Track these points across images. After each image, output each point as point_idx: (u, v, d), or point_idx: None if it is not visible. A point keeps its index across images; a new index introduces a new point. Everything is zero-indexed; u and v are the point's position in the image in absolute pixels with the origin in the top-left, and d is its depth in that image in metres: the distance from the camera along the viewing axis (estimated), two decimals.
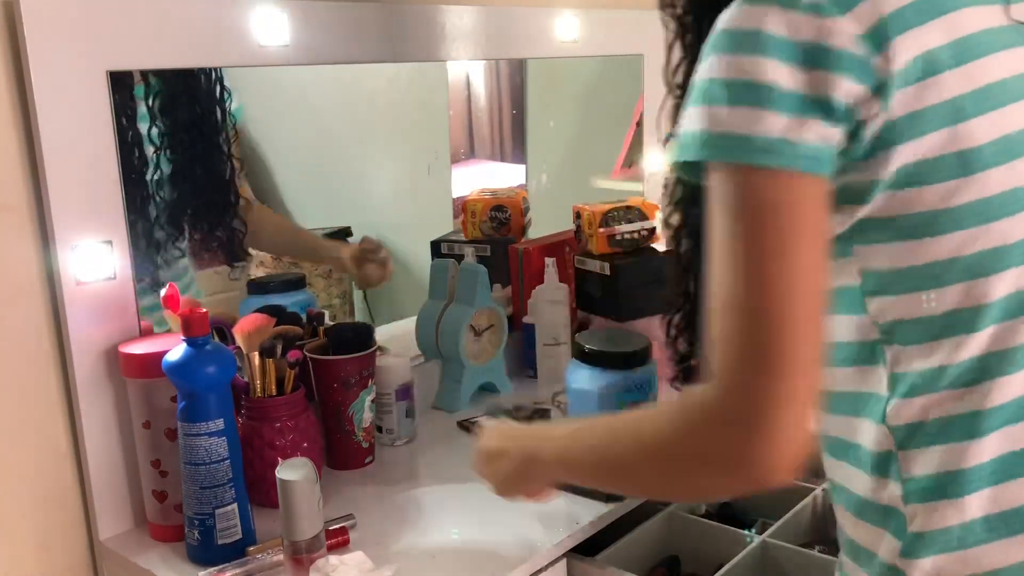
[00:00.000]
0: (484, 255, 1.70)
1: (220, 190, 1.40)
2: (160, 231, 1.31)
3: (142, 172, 1.28)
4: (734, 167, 0.70)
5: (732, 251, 0.70)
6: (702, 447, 0.72)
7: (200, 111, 1.35)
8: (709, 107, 0.71)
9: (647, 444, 0.78)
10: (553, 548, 1.11)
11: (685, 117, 0.73)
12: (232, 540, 1.09)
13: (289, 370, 1.20)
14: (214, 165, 1.39)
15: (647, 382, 1.25)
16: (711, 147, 0.71)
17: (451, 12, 1.53)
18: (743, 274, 0.70)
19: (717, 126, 0.70)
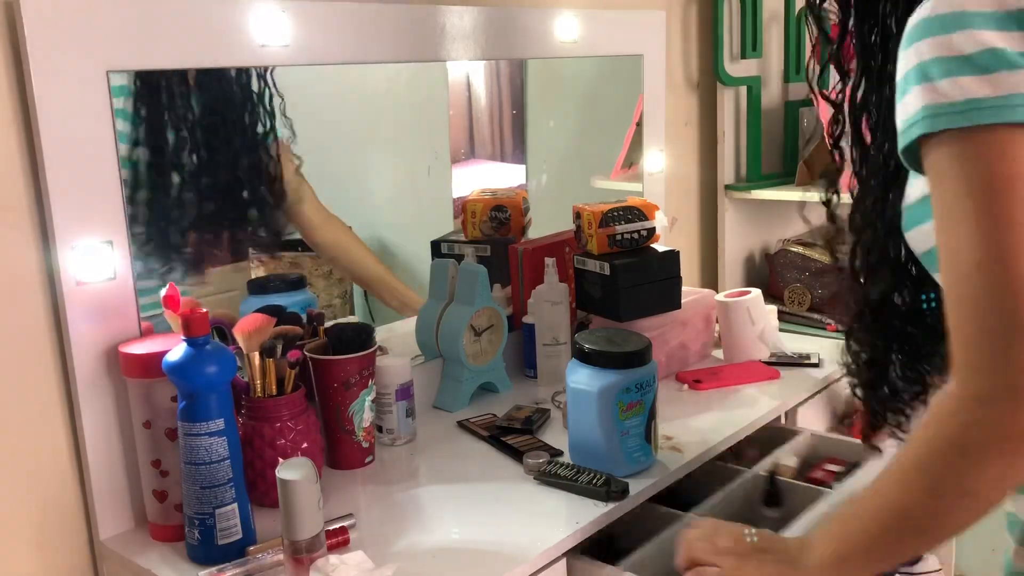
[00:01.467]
0: (484, 255, 1.70)
1: (259, 187, 1.43)
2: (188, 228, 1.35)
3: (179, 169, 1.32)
4: (967, 134, 0.68)
5: (969, 223, 0.68)
6: (975, 433, 0.69)
7: (242, 110, 1.39)
8: (929, 84, 0.69)
9: (918, 470, 0.73)
10: (553, 548, 1.11)
11: (905, 104, 0.72)
12: (232, 540, 1.09)
13: (289, 370, 1.20)
14: (253, 161, 1.42)
15: (647, 382, 1.25)
16: (944, 117, 0.68)
17: (451, 12, 1.53)
18: (987, 245, 0.67)
19: (943, 98, 0.68)
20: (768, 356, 1.72)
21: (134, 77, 1.23)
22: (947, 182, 0.69)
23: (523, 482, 1.26)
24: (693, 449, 1.35)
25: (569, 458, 1.31)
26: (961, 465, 0.70)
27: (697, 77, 2.14)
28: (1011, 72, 0.67)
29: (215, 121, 1.36)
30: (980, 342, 0.68)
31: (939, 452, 0.71)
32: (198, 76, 1.32)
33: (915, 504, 0.74)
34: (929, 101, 0.69)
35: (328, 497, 1.21)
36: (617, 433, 1.24)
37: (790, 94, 2.30)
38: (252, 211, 1.45)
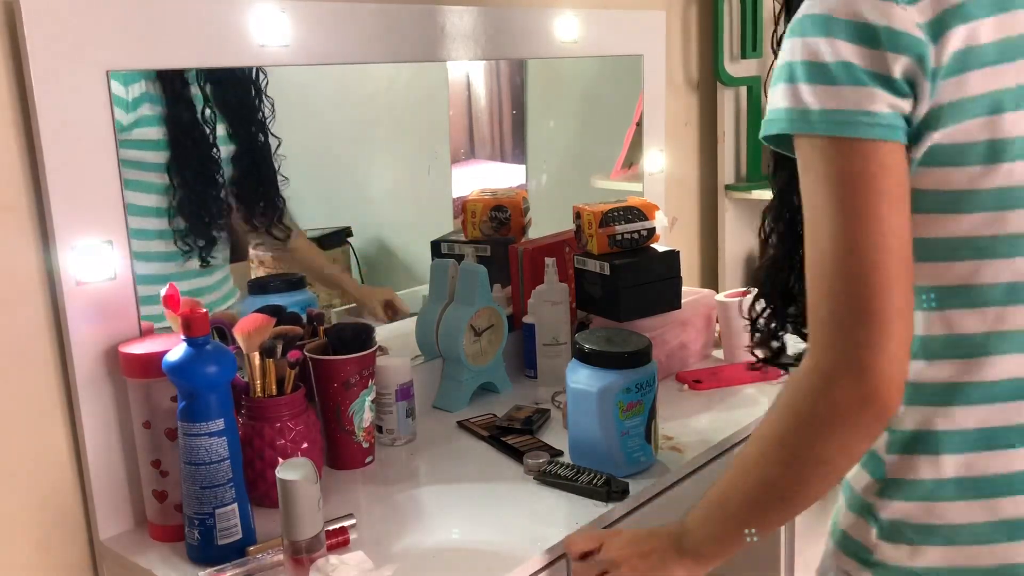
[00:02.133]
0: (484, 255, 1.70)
1: (266, 176, 1.47)
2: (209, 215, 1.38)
3: (208, 165, 1.36)
4: (819, 140, 0.77)
5: (824, 218, 0.77)
6: (822, 405, 0.77)
7: (248, 102, 1.42)
8: (792, 85, 0.78)
9: (775, 444, 0.82)
10: (553, 548, 1.11)
11: (772, 94, 0.81)
12: (232, 540, 1.09)
13: (289, 370, 1.20)
14: (262, 152, 1.45)
15: (647, 382, 1.25)
16: (797, 122, 0.78)
17: (451, 12, 1.53)
18: (836, 237, 0.76)
19: (799, 103, 0.77)
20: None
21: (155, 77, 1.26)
22: (808, 175, 0.79)
23: (523, 482, 1.27)
24: (693, 449, 1.35)
25: (569, 458, 1.31)
26: (813, 435, 0.78)
27: (697, 77, 2.14)
28: (854, 87, 0.76)
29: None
30: (828, 322, 0.76)
31: (793, 425, 0.79)
32: (205, 74, 1.34)
33: (776, 476, 0.82)
34: (791, 104, 0.78)
35: (328, 497, 1.21)
36: (617, 433, 1.24)
37: None
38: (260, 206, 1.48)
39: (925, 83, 0.76)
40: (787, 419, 0.80)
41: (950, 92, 0.76)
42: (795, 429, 0.79)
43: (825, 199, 0.76)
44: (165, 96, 1.27)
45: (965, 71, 0.76)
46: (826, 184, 0.76)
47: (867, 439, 0.79)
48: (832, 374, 0.76)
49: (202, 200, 1.35)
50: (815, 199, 0.78)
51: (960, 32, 0.76)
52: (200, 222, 1.35)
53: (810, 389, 0.77)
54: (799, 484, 0.82)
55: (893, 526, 0.84)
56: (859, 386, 0.75)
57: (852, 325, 0.75)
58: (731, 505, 0.88)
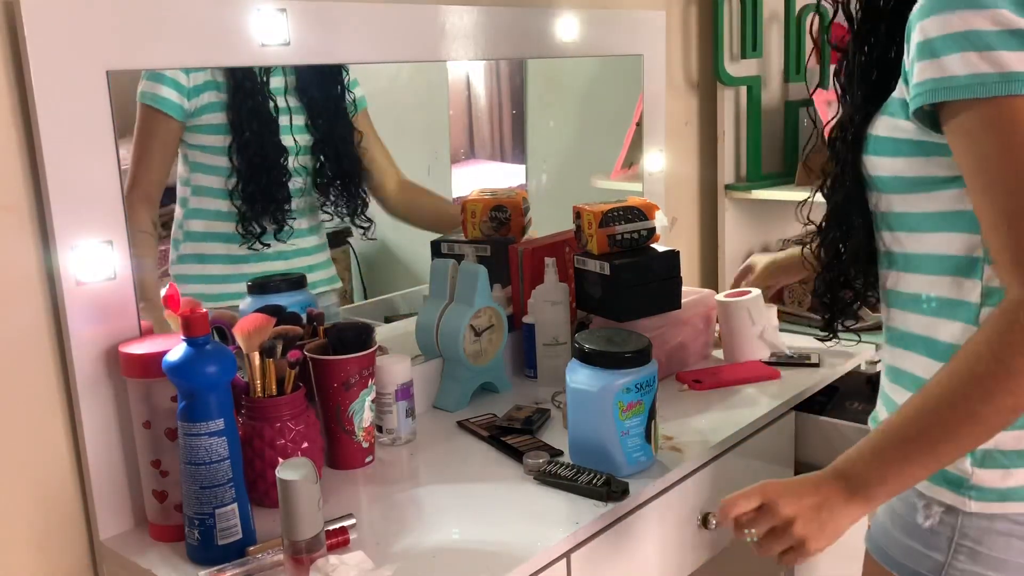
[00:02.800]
0: (484, 255, 1.70)
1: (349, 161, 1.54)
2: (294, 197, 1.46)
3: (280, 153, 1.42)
4: (1002, 100, 0.84)
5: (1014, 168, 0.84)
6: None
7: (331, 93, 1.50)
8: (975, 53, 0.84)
9: (976, 374, 0.85)
10: (553, 548, 1.11)
11: (943, 64, 0.86)
12: (232, 540, 1.09)
13: (289, 370, 1.20)
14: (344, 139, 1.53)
15: (647, 382, 1.25)
16: (986, 85, 0.84)
17: (451, 12, 1.53)
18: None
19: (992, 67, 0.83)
20: (768, 356, 1.72)
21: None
22: (990, 139, 0.85)
23: (523, 482, 1.26)
24: (693, 449, 1.35)
25: (569, 458, 1.31)
26: (1013, 376, 0.83)
27: (697, 77, 2.14)
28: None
29: None
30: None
31: (998, 351, 0.84)
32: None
33: (964, 413, 0.86)
34: (973, 69, 0.85)
35: (328, 497, 1.21)
36: (617, 433, 1.24)
37: (790, 94, 2.30)
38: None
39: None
40: (993, 345, 0.84)
41: None
42: (1000, 355, 0.83)
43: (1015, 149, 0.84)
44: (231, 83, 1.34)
45: None
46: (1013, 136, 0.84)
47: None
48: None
49: (269, 187, 1.42)
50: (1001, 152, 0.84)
51: None
52: (264, 208, 1.41)
53: (1015, 330, 0.83)
54: (988, 419, 0.86)
55: (987, 454, 0.95)
56: None
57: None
58: (911, 441, 0.90)
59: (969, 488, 0.96)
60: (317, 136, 1.46)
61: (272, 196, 1.42)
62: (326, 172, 1.50)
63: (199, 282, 1.41)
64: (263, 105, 1.39)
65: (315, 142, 1.46)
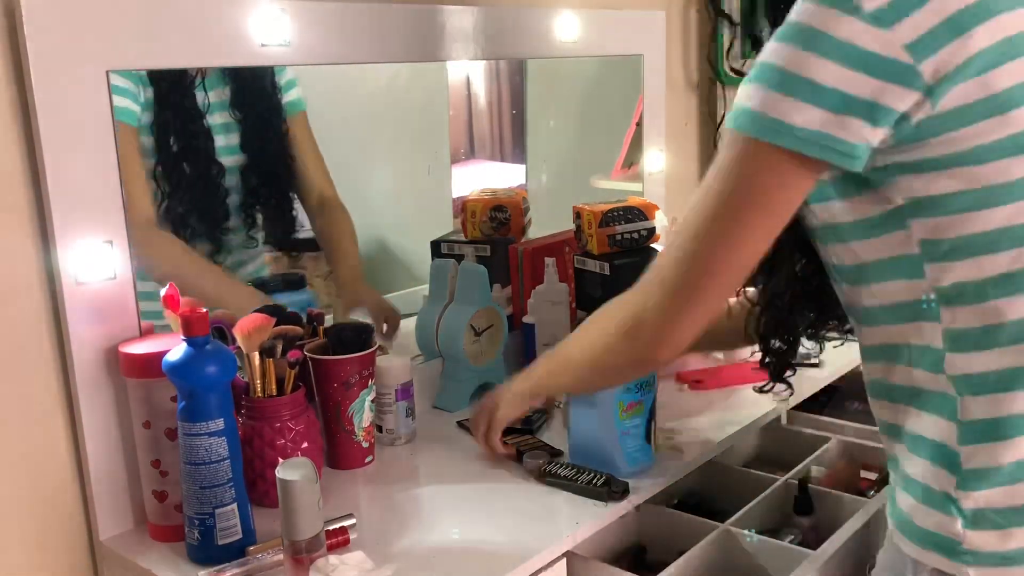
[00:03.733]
0: (484, 255, 1.70)
1: (277, 179, 1.49)
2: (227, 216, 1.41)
3: (211, 164, 1.37)
4: (760, 144, 0.82)
5: (708, 201, 0.87)
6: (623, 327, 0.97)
7: (261, 104, 1.44)
8: (761, 87, 0.81)
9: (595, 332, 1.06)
10: (553, 548, 1.11)
11: (742, 89, 0.84)
12: (232, 540, 1.09)
13: (289, 370, 1.20)
14: (275, 154, 1.48)
15: (647, 382, 1.25)
16: (753, 124, 0.81)
17: (451, 12, 1.53)
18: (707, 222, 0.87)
19: (763, 108, 0.80)
20: None
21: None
22: (718, 160, 0.87)
23: (523, 482, 1.26)
24: (693, 449, 1.35)
25: (569, 458, 1.31)
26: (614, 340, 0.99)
27: (697, 77, 2.14)
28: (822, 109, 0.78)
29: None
30: (661, 285, 0.91)
31: (608, 329, 1.00)
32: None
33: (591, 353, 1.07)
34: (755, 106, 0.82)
35: (328, 497, 1.21)
36: (617, 433, 1.24)
37: None
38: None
39: (924, 101, 0.77)
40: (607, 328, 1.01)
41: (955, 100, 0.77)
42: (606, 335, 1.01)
43: (723, 187, 0.87)
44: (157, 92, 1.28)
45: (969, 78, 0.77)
46: (733, 176, 0.86)
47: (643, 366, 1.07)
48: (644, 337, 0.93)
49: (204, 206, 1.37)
50: (715, 182, 0.88)
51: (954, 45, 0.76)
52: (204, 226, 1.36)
53: (626, 337, 0.96)
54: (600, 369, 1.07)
55: (978, 514, 0.85)
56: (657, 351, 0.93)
57: (673, 305, 0.90)
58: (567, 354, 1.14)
59: (963, 553, 0.86)
60: (249, 152, 1.39)
61: (207, 214, 1.36)
62: (258, 188, 1.42)
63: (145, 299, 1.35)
64: (194, 118, 1.32)
65: (248, 157, 1.39)
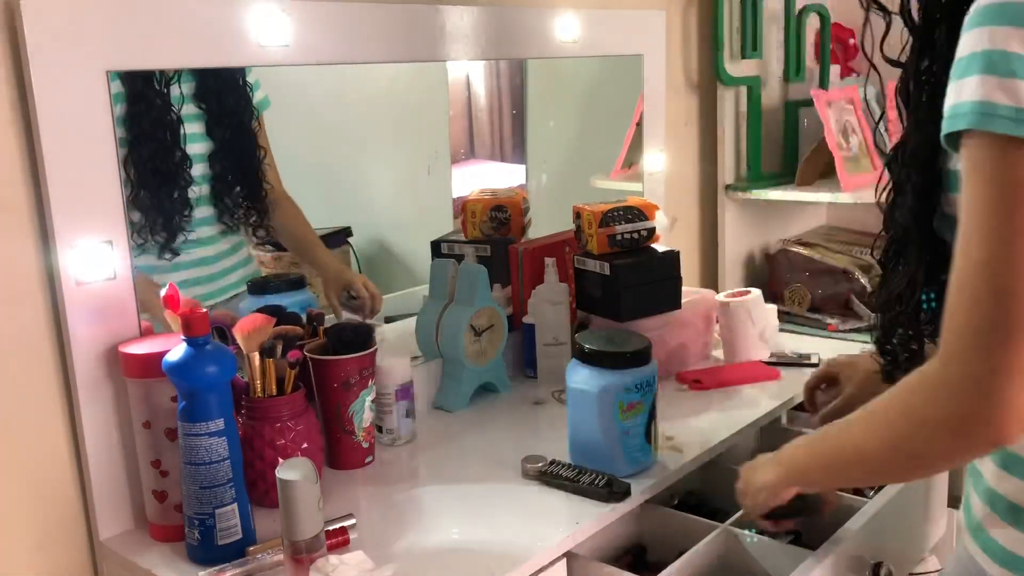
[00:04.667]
0: (484, 255, 1.70)
1: (250, 175, 1.46)
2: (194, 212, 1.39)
3: (181, 161, 1.35)
4: (1008, 140, 0.70)
5: (988, 221, 0.72)
6: (935, 410, 0.75)
7: (230, 101, 1.42)
8: (995, 77, 0.71)
9: (877, 418, 0.83)
10: (553, 548, 1.11)
11: (960, 86, 0.73)
12: (232, 540, 1.09)
13: (289, 370, 1.20)
14: (244, 152, 1.45)
15: (647, 382, 1.25)
16: (984, 116, 0.71)
17: (451, 12, 1.53)
18: (999, 243, 0.71)
19: (1009, 99, 0.70)
20: (768, 356, 1.72)
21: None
22: (981, 179, 0.72)
23: (523, 482, 1.26)
24: (693, 449, 1.35)
25: (569, 458, 1.30)
26: (918, 433, 0.78)
27: (697, 77, 2.14)
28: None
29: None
30: (965, 333, 0.73)
31: (904, 416, 0.79)
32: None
33: (873, 451, 0.84)
34: (985, 97, 0.71)
35: (328, 497, 1.21)
36: (617, 433, 1.24)
37: (790, 94, 2.30)
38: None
39: None
40: (902, 408, 0.79)
41: None
42: (906, 421, 0.79)
43: (999, 206, 0.71)
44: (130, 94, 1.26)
45: None
46: (1007, 190, 0.71)
47: (972, 456, 0.82)
48: (957, 390, 0.73)
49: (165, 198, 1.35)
50: (988, 204, 0.72)
51: None
52: (164, 219, 1.34)
53: (931, 396, 0.75)
54: (889, 467, 0.86)
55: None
56: (981, 410, 0.71)
57: (988, 344, 0.71)
58: (824, 451, 0.93)
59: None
60: (216, 144, 1.38)
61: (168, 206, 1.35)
62: (225, 179, 1.41)
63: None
64: (163, 114, 1.31)
65: (214, 150, 1.38)
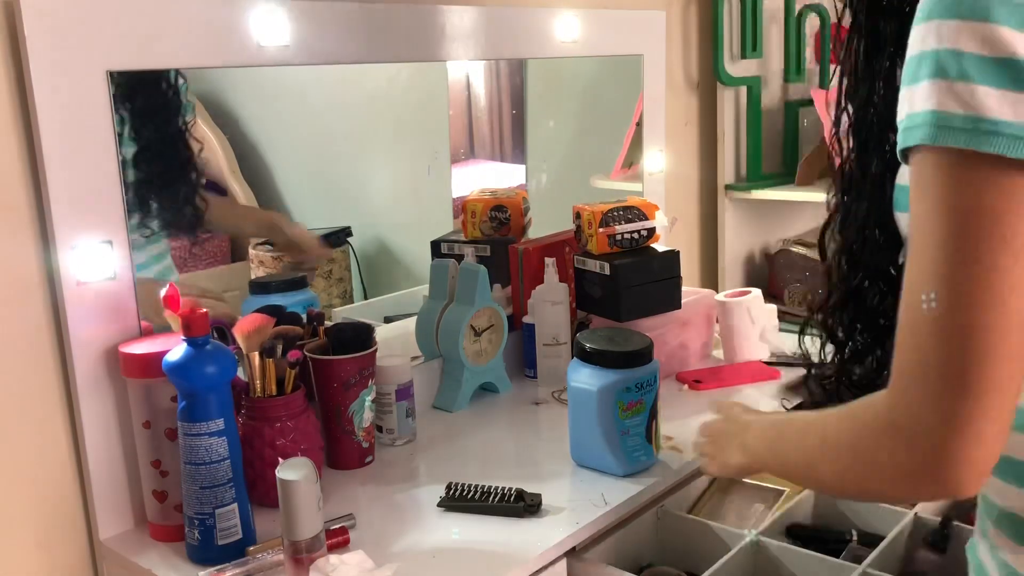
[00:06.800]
0: (484, 255, 1.70)
1: (180, 171, 1.41)
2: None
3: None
4: (958, 153, 0.62)
5: (937, 253, 0.63)
6: (883, 456, 0.68)
7: (155, 101, 1.36)
8: (945, 82, 0.63)
9: (829, 445, 0.77)
10: (553, 548, 1.11)
11: (912, 93, 0.65)
12: (232, 540, 1.09)
13: (289, 370, 1.20)
14: (174, 148, 1.40)
15: (648, 382, 1.25)
16: (939, 129, 0.63)
17: (451, 12, 1.53)
18: (948, 280, 0.63)
19: (961, 107, 0.62)
20: (768, 356, 1.72)
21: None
22: (928, 200, 0.65)
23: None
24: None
25: (570, 458, 1.30)
26: (869, 474, 0.72)
27: (697, 77, 2.14)
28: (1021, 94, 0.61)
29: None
30: (914, 377, 0.66)
31: (853, 453, 0.73)
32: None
33: (826, 477, 0.79)
34: (938, 106, 0.63)
35: (328, 497, 1.21)
36: (617, 432, 1.24)
37: (790, 94, 2.30)
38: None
39: None
40: (854, 442, 0.73)
41: None
42: (856, 456, 0.72)
43: (948, 234, 0.63)
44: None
45: None
46: (955, 215, 0.63)
47: (918, 500, 0.78)
48: (906, 439, 0.66)
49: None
50: (936, 230, 0.64)
51: None
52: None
53: (881, 441, 0.69)
54: (843, 489, 0.84)
55: None
56: (932, 463, 0.65)
57: (938, 392, 0.64)
58: (784, 454, 0.88)
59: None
60: (140, 144, 1.34)
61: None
62: (150, 182, 1.37)
63: None
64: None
65: (138, 151, 1.33)
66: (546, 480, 1.26)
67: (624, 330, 1.34)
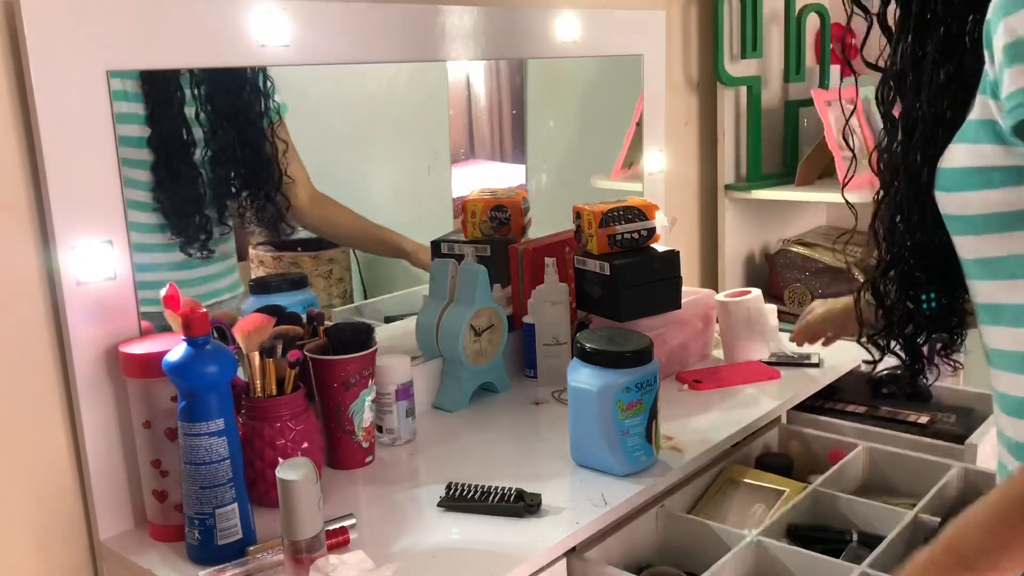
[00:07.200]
0: (484, 255, 1.70)
1: (263, 169, 1.48)
2: (207, 209, 1.41)
3: (190, 155, 1.37)
4: None
5: None
6: None
7: (243, 101, 1.43)
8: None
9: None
10: (553, 548, 1.11)
11: (1017, 74, 0.71)
12: (232, 540, 1.09)
13: (289, 370, 1.20)
14: (257, 147, 1.47)
15: (648, 382, 1.25)
16: None
17: (451, 12, 1.53)
18: None
19: None
20: (768, 356, 1.72)
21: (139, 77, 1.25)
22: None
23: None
24: (693, 449, 1.35)
25: (571, 457, 1.30)
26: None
27: (697, 77, 2.14)
28: None
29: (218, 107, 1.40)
30: None
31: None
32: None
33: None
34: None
35: (328, 497, 1.21)
36: (617, 432, 1.24)
37: (790, 94, 2.30)
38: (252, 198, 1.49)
39: None
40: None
41: None
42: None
43: None
44: (148, 94, 1.28)
45: None
46: None
47: None
48: None
49: (187, 196, 1.38)
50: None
51: None
52: (188, 217, 1.36)
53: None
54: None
55: None
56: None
57: None
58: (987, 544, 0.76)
59: None
60: (223, 144, 1.40)
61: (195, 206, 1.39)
62: (233, 182, 1.44)
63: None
64: (179, 116, 1.34)
65: (219, 150, 1.40)
66: (546, 480, 1.26)
67: (624, 330, 1.34)
